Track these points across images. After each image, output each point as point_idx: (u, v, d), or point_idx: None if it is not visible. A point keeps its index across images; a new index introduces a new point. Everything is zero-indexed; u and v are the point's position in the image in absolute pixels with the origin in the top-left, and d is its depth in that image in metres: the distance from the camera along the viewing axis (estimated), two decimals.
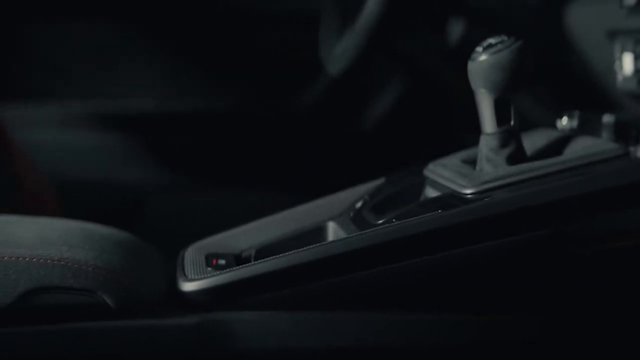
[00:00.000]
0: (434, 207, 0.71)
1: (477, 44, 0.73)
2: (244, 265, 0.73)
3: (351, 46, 1.00)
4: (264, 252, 0.80)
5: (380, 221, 0.74)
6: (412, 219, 0.69)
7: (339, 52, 1.05)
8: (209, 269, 0.74)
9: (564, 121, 0.78)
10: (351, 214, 0.81)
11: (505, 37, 0.71)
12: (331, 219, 0.83)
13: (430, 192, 0.77)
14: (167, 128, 1.37)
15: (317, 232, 0.83)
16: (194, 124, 1.38)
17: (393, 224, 0.70)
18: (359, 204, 0.83)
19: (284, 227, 0.84)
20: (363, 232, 0.71)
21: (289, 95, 1.40)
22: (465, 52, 0.75)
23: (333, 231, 0.82)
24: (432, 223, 0.68)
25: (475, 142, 0.81)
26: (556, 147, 0.76)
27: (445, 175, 0.76)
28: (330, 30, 1.10)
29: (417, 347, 0.71)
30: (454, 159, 0.79)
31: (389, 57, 1.25)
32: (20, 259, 0.65)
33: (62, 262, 0.66)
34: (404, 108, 1.34)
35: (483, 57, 0.71)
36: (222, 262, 0.77)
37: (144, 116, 1.37)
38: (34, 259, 0.66)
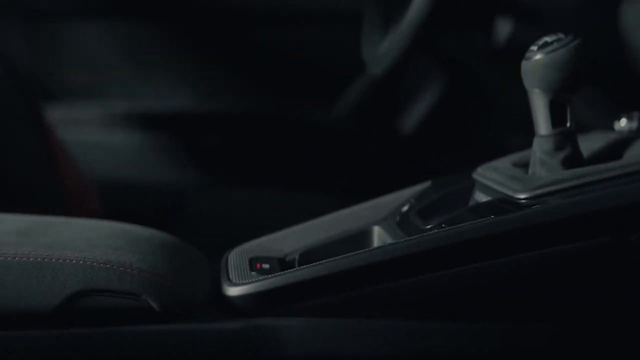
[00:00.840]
0: (485, 212, 0.68)
1: (526, 43, 0.71)
2: (289, 270, 0.71)
3: (396, 45, 0.97)
4: (308, 256, 0.78)
5: (429, 226, 0.72)
6: (463, 224, 0.67)
7: (382, 52, 1.03)
8: (253, 273, 0.73)
9: (623, 123, 0.75)
10: (397, 218, 0.79)
11: (562, 35, 0.69)
12: (376, 223, 0.81)
13: (481, 197, 0.75)
14: (206, 128, 1.36)
15: (362, 237, 0.81)
16: (232, 124, 1.37)
17: (443, 229, 0.68)
18: (405, 208, 0.81)
19: (328, 230, 0.82)
20: (412, 237, 0.69)
21: (327, 96, 1.39)
22: (512, 52, 0.72)
23: (378, 236, 0.80)
24: (485, 229, 0.66)
25: (522, 144, 0.79)
26: (615, 150, 0.73)
27: (496, 179, 0.73)
28: (374, 29, 1.08)
29: (464, 357, 0.68)
30: (505, 162, 0.77)
31: (431, 56, 1.23)
32: (67, 261, 0.65)
33: (107, 265, 0.66)
34: (445, 110, 1.32)
35: (538, 56, 0.69)
36: (266, 266, 0.75)
37: (182, 116, 1.37)
38: (81, 262, 0.65)
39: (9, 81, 1.00)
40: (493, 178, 0.74)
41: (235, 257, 0.77)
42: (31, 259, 0.65)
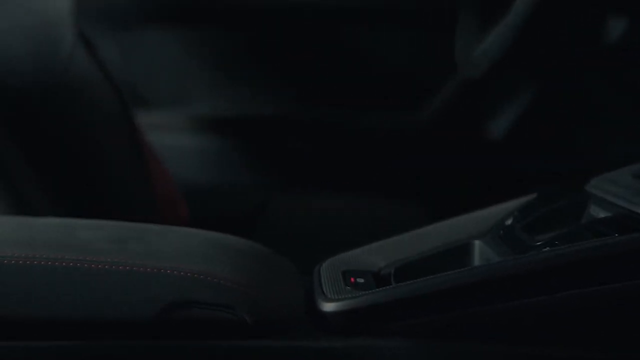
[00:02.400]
0: (606, 229, 0.63)
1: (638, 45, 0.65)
2: (387, 287, 0.67)
3: (496, 47, 0.92)
4: (403, 270, 0.74)
5: (539, 243, 0.67)
6: (581, 242, 0.62)
7: (480, 54, 0.98)
8: (348, 287, 0.69)
9: None
10: (501, 232, 0.74)
11: None
12: (477, 237, 0.76)
13: (598, 212, 0.69)
14: (290, 133, 1.33)
15: (461, 251, 0.76)
16: (317, 129, 1.34)
17: (557, 247, 0.63)
18: (509, 222, 0.75)
19: (423, 243, 0.77)
20: (522, 255, 0.64)
21: (413, 100, 1.34)
22: (622, 55, 0.66)
23: (480, 251, 0.75)
24: (607, 248, 0.60)
25: (631, 154, 0.73)
26: None
27: (616, 193, 0.67)
28: (469, 30, 1.03)
29: None
30: (624, 174, 0.71)
31: (529, 58, 1.17)
32: (162, 271, 0.63)
33: (202, 276, 0.63)
34: (539, 115, 1.26)
35: None
36: (360, 280, 0.71)
37: (268, 121, 1.34)
38: (175, 272, 0.63)
39: (105, 87, 1.00)
40: (612, 191, 0.68)
41: (328, 270, 0.74)
42: (127, 268, 0.63)
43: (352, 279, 0.71)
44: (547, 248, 0.64)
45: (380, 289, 0.67)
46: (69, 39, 0.94)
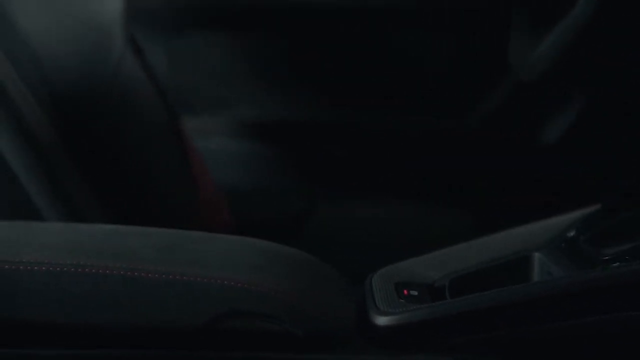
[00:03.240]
0: None
1: None
2: (443, 301, 0.64)
3: (553, 51, 0.89)
4: (459, 283, 0.70)
5: (606, 257, 0.63)
6: None
7: (536, 57, 0.94)
8: (402, 300, 0.65)
9: None
10: (563, 245, 0.70)
11: None
12: (537, 249, 0.72)
13: None
14: (334, 138, 1.30)
15: (520, 264, 0.72)
16: (361, 134, 1.31)
17: (630, 262, 0.59)
18: (571, 233, 0.71)
19: (480, 255, 0.73)
20: (590, 270, 0.60)
21: (460, 103, 1.30)
22: None
23: (540, 264, 0.71)
24: None
25: None
26: None
27: None
28: (524, 33, 1.00)
29: None
30: None
31: (586, 61, 1.12)
32: (210, 280, 0.60)
33: (251, 286, 0.61)
34: (594, 121, 1.21)
35: None
36: (414, 293, 0.67)
37: (311, 126, 1.32)
38: (225, 282, 0.61)
39: (152, 92, 0.99)
40: None
41: (379, 281, 0.70)
42: (177, 277, 0.61)
43: (405, 291, 0.68)
44: (617, 263, 0.60)
45: (436, 302, 0.63)
46: (118, 44, 0.93)
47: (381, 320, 0.62)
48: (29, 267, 0.61)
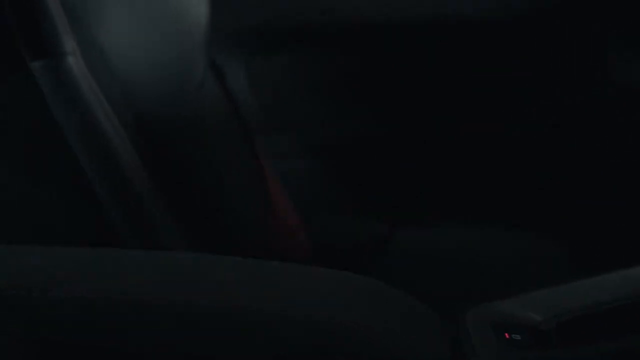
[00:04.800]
0: None
1: None
2: (555, 348, 0.56)
3: None
4: (567, 327, 0.62)
5: None
6: None
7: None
8: (504, 345, 0.57)
9: None
10: None
11: None
12: None
13: None
14: (416, 156, 1.23)
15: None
16: (445, 152, 1.23)
17: None
18: None
19: (592, 295, 0.65)
20: None
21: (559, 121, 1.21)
22: None
23: None
24: None
25: None
26: None
27: None
28: (624, 48, 0.91)
29: None
30: None
31: None
32: (293, 316, 0.56)
33: (332, 322, 0.55)
34: None
35: None
36: (517, 337, 0.60)
37: (380, 143, 1.25)
38: (306, 318, 0.56)
39: (231, 115, 0.97)
40: None
41: (475, 320, 0.62)
42: (254, 312, 0.56)
43: (507, 335, 0.60)
44: None
45: (546, 350, 0.55)
46: (200, 67, 0.92)
47: None
48: (115, 298, 0.57)
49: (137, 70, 0.85)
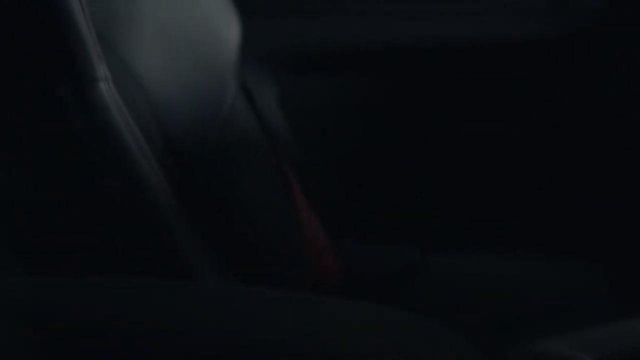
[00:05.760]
0: None
1: None
2: None
3: None
4: None
5: None
6: None
7: None
8: None
9: None
10: None
11: None
12: None
13: None
14: (445, 182, 1.21)
15: None
16: (477, 178, 1.21)
17: None
18: None
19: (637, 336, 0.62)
20: None
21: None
22: None
23: None
24: None
25: None
26: None
27: None
28: None
29: None
30: None
31: None
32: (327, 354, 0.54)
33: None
34: None
35: None
36: None
37: (420, 170, 1.23)
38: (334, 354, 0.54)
39: (261, 138, 0.95)
40: None
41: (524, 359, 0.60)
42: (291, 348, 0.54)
43: None
44: None
45: None
46: (231, 90, 0.91)
47: None
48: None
49: (168, 94, 0.84)
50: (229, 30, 0.97)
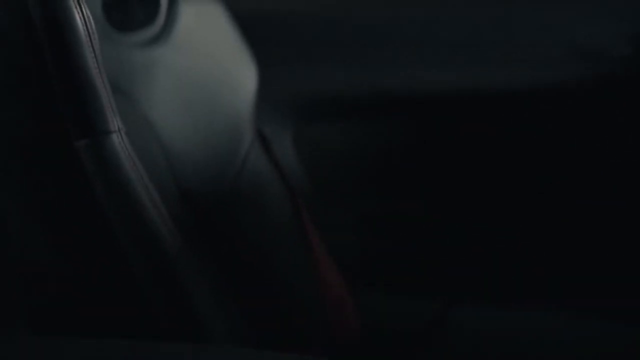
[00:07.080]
0: None
1: None
2: None
3: None
4: None
5: None
6: None
7: None
8: None
9: None
10: None
11: None
12: None
13: None
14: (467, 233, 1.17)
15: None
16: (501, 229, 1.17)
17: None
18: None
19: None
20: None
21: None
22: None
23: None
24: None
25: None
26: None
27: None
28: None
29: None
30: None
31: None
32: None
33: None
34: None
35: None
36: None
37: (441, 221, 1.19)
38: None
39: (278, 186, 0.94)
40: None
41: None
42: None
43: None
44: None
45: None
46: (247, 138, 0.90)
47: None
48: None
49: (183, 142, 0.82)
50: (245, 76, 0.95)
